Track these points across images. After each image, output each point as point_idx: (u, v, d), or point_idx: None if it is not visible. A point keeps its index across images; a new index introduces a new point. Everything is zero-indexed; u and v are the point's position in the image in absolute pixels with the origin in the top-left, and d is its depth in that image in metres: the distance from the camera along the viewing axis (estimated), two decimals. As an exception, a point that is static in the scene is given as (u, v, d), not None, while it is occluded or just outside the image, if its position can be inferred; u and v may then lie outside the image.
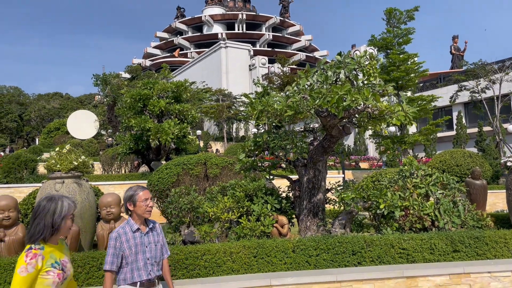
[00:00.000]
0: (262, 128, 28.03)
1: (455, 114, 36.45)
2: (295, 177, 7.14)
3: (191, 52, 78.52)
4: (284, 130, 7.03)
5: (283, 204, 6.75)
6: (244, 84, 60.61)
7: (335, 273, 4.78)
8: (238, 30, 77.83)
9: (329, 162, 24.35)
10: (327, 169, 6.81)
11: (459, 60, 52.74)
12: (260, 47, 74.44)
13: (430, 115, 23.16)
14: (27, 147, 41.29)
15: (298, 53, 74.86)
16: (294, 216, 6.92)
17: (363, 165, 30.53)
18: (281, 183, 10.29)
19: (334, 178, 16.99)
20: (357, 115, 5.90)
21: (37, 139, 54.21)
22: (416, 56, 23.29)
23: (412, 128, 35.36)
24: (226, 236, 6.53)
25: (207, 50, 67.24)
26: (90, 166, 7.06)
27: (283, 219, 6.51)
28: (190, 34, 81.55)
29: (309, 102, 5.58)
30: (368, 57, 5.94)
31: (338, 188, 6.69)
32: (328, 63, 6.19)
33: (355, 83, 5.90)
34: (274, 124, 7.04)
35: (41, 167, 17.21)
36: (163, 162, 16.09)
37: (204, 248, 4.92)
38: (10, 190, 13.41)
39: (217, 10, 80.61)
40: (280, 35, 79.40)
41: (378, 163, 30.79)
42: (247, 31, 77.16)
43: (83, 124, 32.45)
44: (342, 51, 5.91)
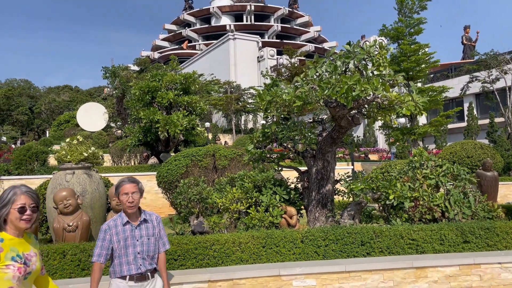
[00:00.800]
0: (270, 120, 28.00)
1: (466, 105, 36.00)
2: (303, 168, 7.12)
3: (199, 44, 78.39)
4: (292, 121, 7.00)
5: (291, 195, 6.75)
6: (253, 76, 60.45)
7: (344, 263, 4.78)
8: (246, 21, 77.40)
9: (338, 154, 24.26)
10: (336, 160, 6.78)
11: (471, 51, 51.95)
12: (268, 38, 74.07)
13: (441, 106, 22.88)
14: (38, 140, 41.70)
15: (307, 44, 74.32)
16: (302, 207, 6.91)
17: (372, 157, 30.39)
18: (289, 175, 10.27)
19: (343, 169, 16.92)
20: (366, 105, 5.85)
21: (47, 132, 54.74)
22: (427, 47, 22.97)
23: (423, 120, 35.05)
24: (235, 227, 6.55)
25: (215, 42, 67.07)
26: (100, 157, 7.11)
27: (291, 210, 6.51)
28: (198, 26, 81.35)
29: (318, 92, 5.54)
30: (377, 46, 5.88)
31: (347, 179, 6.65)
32: (337, 53, 6.13)
33: (364, 73, 5.85)
34: (282, 116, 7.01)
35: (52, 159, 17.39)
36: (172, 154, 16.16)
37: (213, 238, 4.94)
38: (21, 181, 13.59)
39: (225, 1, 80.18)
40: (289, 26, 78.88)
41: (388, 155, 30.62)
42: (256, 23, 76.73)
43: (92, 117, 32.68)
44: (351, 41, 5.84)
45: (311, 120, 8.07)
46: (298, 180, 7.20)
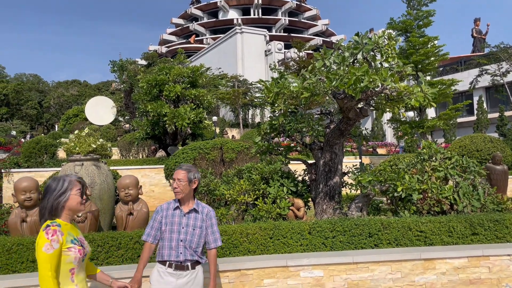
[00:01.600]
0: (278, 114, 27.94)
1: (475, 99, 35.65)
2: (311, 161, 7.11)
3: (207, 38, 78.33)
4: (300, 113, 6.98)
5: (299, 188, 6.75)
6: (260, 70, 60.31)
7: (351, 254, 4.77)
8: (254, 15, 77.12)
9: (346, 148, 24.18)
10: (344, 153, 6.75)
11: (481, 44, 51.32)
12: (276, 32, 73.78)
13: (450, 99, 22.67)
14: (46, 134, 42.07)
15: (314, 38, 73.93)
16: (310, 199, 6.91)
17: (380, 151, 30.26)
18: (297, 168, 10.26)
19: (351, 163, 16.89)
20: (374, 97, 5.81)
21: (56, 126, 55.22)
22: (437, 39, 22.74)
23: (431, 113, 34.78)
24: (243, 219, 6.57)
25: (222, 36, 66.96)
26: (108, 149, 7.16)
27: (299, 202, 6.51)
28: (205, 20, 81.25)
29: (325, 83, 5.51)
30: (386, 37, 5.82)
31: (355, 171, 6.63)
32: (345, 46, 6.08)
33: (373, 64, 5.80)
34: (290, 110, 6.99)
35: (61, 152, 17.55)
36: (180, 147, 16.22)
37: (221, 229, 4.96)
38: (31, 174, 13.73)
39: (232, -5, 79.99)
40: (297, 19, 78.46)
41: (396, 149, 30.46)
42: (263, 16, 76.44)
43: (100, 110, 32.87)
44: (359, 32, 5.79)
45: (319, 112, 8.04)
46: (306, 172, 7.19)
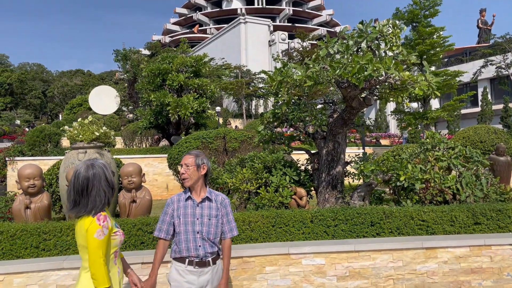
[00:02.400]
0: (281, 103, 27.86)
1: (480, 90, 35.41)
2: (314, 151, 7.10)
3: (210, 28, 77.97)
4: (303, 101, 6.96)
5: (301, 177, 6.75)
6: (264, 60, 60.05)
7: (353, 243, 4.79)
8: (258, 5, 76.59)
9: (349, 139, 24.14)
10: (347, 143, 6.74)
11: (486, 34, 50.82)
12: (280, 22, 73.30)
13: (455, 90, 22.50)
14: (50, 124, 42.22)
15: (318, 28, 73.43)
16: (312, 188, 6.91)
17: (384, 142, 30.20)
18: (299, 157, 10.26)
19: (353, 153, 16.88)
20: (378, 86, 5.78)
21: (60, 116, 55.34)
22: (443, 30, 22.52)
23: (435, 104, 34.60)
24: (245, 207, 6.60)
25: (226, 26, 66.60)
26: (112, 137, 7.18)
27: (301, 191, 6.52)
28: (209, 10, 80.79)
29: (329, 72, 5.48)
30: (391, 26, 5.77)
31: (358, 160, 6.62)
32: (350, 32, 6.03)
33: (377, 53, 5.76)
34: (293, 100, 6.96)
35: (64, 141, 17.60)
36: (183, 137, 16.24)
37: (223, 216, 4.98)
38: (35, 162, 13.79)
39: (236, -15, 79.40)
40: (301, 9, 77.89)
41: (399, 140, 30.37)
42: (267, 6, 75.91)
43: (104, 100, 32.89)
44: (364, 20, 5.74)
45: (322, 102, 8.01)
46: (308, 162, 7.19)
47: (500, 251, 4.85)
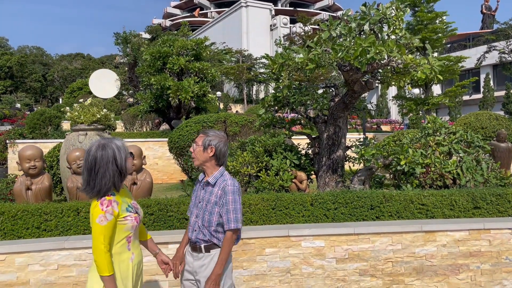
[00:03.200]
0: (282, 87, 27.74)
1: (482, 76, 35.21)
2: (314, 136, 7.09)
3: (211, 12, 77.17)
4: (305, 85, 6.92)
5: (302, 161, 6.75)
6: (265, 45, 59.56)
7: (353, 226, 4.81)
8: (259, -12, 75.61)
9: (350, 125, 24.03)
10: (348, 127, 6.72)
11: (490, 20, 50.28)
12: (281, 6, 72.46)
13: (457, 76, 22.37)
14: (51, 107, 42.14)
15: (321, 12, 72.68)
16: (313, 172, 6.92)
17: (385, 128, 30.16)
18: (300, 142, 10.25)
19: (354, 138, 16.88)
20: (380, 69, 5.74)
21: (60, 99, 55.20)
22: (445, 15, 22.27)
23: (437, 90, 34.43)
24: (246, 190, 6.61)
25: (227, 9, 65.88)
26: (112, 119, 7.15)
27: (302, 175, 6.53)
28: (210, -7, 79.84)
29: (331, 55, 5.44)
30: (394, 8, 5.70)
31: (359, 145, 6.62)
32: (352, 14, 5.96)
33: (379, 36, 5.70)
34: (294, 86, 6.92)
35: (65, 124, 17.58)
36: (184, 121, 16.22)
37: (223, 199, 4.99)
38: (35, 145, 13.80)
39: (238, -33, 78.25)
40: (303, -7, 76.89)
41: (400, 126, 30.33)
42: (269, -11, 74.89)
43: (104, 83, 32.64)
44: (367, 1, 5.67)
45: (324, 86, 7.97)
46: (309, 146, 7.19)
47: (499, 235, 4.88)
